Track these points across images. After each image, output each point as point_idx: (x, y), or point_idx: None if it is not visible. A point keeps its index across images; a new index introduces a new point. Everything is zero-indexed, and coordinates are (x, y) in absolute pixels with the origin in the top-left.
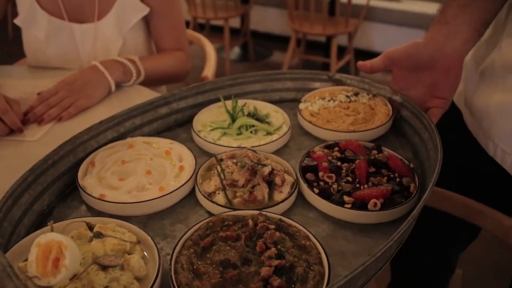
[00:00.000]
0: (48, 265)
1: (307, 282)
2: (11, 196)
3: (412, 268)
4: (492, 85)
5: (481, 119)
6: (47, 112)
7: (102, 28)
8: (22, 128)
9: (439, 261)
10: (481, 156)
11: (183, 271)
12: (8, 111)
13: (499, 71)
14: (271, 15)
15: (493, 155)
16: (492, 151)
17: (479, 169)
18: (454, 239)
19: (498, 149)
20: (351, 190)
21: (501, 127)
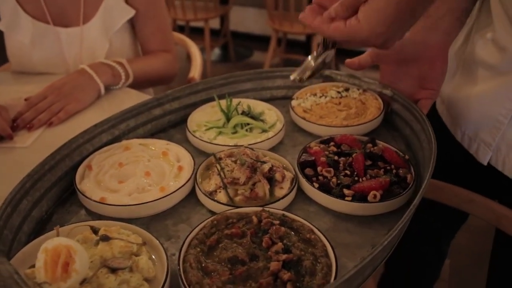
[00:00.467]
0: (58, 270)
1: (316, 274)
2: (10, 203)
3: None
4: (462, 76)
5: (450, 107)
6: (37, 118)
7: (88, 31)
8: (12, 134)
9: (431, 250)
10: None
11: (192, 269)
12: None
13: (469, 64)
14: (250, 15)
15: (461, 141)
16: (460, 138)
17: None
18: (444, 225)
19: (465, 136)
20: (350, 183)
21: (466, 116)
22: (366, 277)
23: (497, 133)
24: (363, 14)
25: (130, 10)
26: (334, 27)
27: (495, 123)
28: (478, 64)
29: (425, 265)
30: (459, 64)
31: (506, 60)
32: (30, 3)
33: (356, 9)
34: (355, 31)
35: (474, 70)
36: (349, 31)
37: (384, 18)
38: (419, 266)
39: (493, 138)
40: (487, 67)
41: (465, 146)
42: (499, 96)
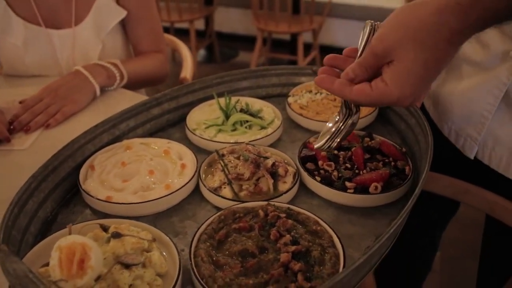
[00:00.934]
0: (73, 267)
1: (325, 264)
2: (17, 203)
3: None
4: (447, 72)
5: (436, 103)
6: (34, 120)
7: (80, 33)
8: (10, 137)
9: (423, 242)
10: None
11: (204, 263)
12: None
13: (455, 60)
14: (235, 16)
15: (448, 136)
16: (447, 133)
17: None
18: (436, 217)
19: (452, 131)
20: (351, 176)
21: (453, 112)
22: (373, 266)
23: (483, 128)
24: (391, 76)
25: (121, 11)
26: (358, 91)
27: (480, 118)
28: (463, 60)
29: (417, 257)
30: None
31: (489, 56)
32: (21, 5)
33: (376, 69)
34: (384, 94)
35: (459, 66)
36: (377, 95)
37: (413, 79)
38: (411, 259)
39: (479, 133)
40: (471, 63)
41: (452, 141)
42: (483, 92)
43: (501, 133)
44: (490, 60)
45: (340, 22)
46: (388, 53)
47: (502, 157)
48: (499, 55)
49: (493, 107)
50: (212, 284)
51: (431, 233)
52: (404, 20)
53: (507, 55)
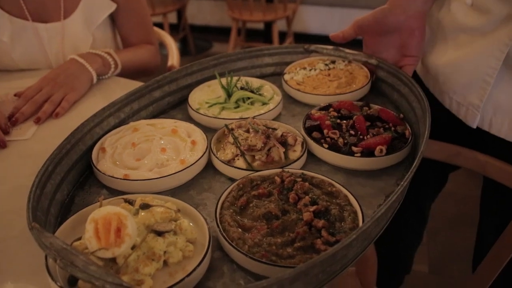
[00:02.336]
0: (111, 236)
1: (345, 220)
2: (38, 185)
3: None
4: (444, 43)
5: (436, 75)
6: (42, 110)
7: (69, 26)
8: (5, 141)
9: (414, 213)
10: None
11: (231, 227)
12: None
13: (450, 30)
14: (207, 8)
15: (448, 107)
16: (448, 104)
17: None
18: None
19: (453, 101)
20: (357, 142)
21: (454, 81)
22: (389, 219)
23: (484, 94)
24: None
25: (111, 4)
26: None
27: (481, 83)
28: (459, 30)
29: (409, 228)
30: (439, 33)
31: (489, 21)
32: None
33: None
34: None
35: (455, 37)
36: None
37: None
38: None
39: (481, 100)
40: (469, 31)
41: (454, 112)
42: (484, 56)
43: (502, 98)
44: (490, 24)
45: (313, 9)
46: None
47: (504, 122)
48: (501, 18)
49: (495, 71)
50: (243, 245)
51: (422, 204)
52: None
53: (510, 17)
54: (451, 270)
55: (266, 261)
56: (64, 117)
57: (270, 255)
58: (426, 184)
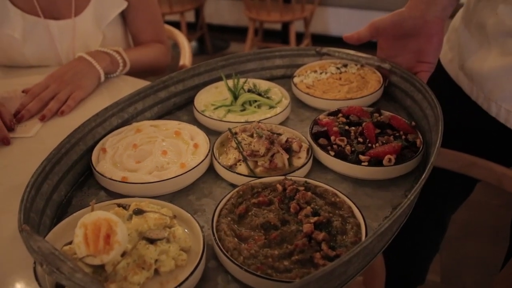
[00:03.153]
0: (100, 243)
1: (347, 233)
2: (34, 185)
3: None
4: (491, 49)
5: (481, 83)
6: (47, 107)
7: (80, 24)
8: (9, 138)
9: (433, 222)
10: (477, 116)
11: (227, 237)
12: None
13: (497, 36)
14: (225, 7)
15: (495, 116)
16: (495, 112)
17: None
18: (448, 197)
19: (502, 109)
20: (365, 150)
21: (503, 89)
22: (394, 233)
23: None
24: None
25: (122, 2)
26: None
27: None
28: (506, 35)
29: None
30: (481, 37)
31: None
32: None
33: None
34: None
35: (502, 42)
36: None
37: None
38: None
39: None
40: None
41: (502, 120)
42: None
43: None
44: None
45: (332, 10)
46: None
47: None
48: None
49: None
50: (238, 256)
51: (442, 214)
52: None
53: None
54: (464, 281)
55: (261, 274)
56: (70, 115)
57: (266, 267)
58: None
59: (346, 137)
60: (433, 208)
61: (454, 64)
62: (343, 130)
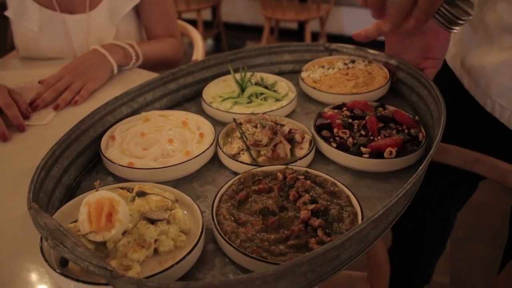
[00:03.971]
0: (102, 221)
1: (343, 221)
2: (44, 168)
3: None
4: (489, 45)
5: (478, 78)
6: (61, 97)
7: (94, 18)
8: (24, 125)
9: (439, 220)
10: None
11: (226, 221)
12: (12, 106)
13: (495, 32)
14: (242, 6)
15: (491, 111)
16: (490, 107)
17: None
18: (452, 194)
19: (496, 105)
20: (366, 142)
21: (499, 84)
22: (390, 223)
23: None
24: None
25: None
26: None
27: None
28: (506, 30)
29: (431, 235)
30: (481, 33)
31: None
32: None
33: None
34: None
35: (499, 38)
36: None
37: None
38: (425, 236)
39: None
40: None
41: (496, 116)
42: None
43: None
44: None
45: (348, 10)
46: None
47: None
48: None
49: None
50: (235, 239)
51: (447, 211)
52: None
53: None
54: (474, 283)
55: (257, 256)
56: (82, 105)
57: (262, 251)
58: (453, 191)
59: (349, 130)
60: (437, 205)
61: (457, 60)
62: (347, 123)
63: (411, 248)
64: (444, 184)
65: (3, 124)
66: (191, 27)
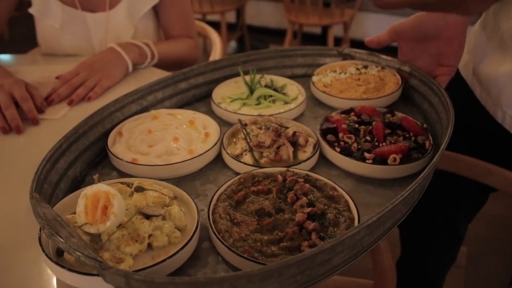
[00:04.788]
0: (98, 213)
1: (339, 225)
2: (49, 160)
3: (422, 240)
4: (503, 54)
5: (489, 88)
6: (75, 93)
7: (113, 17)
8: (37, 118)
9: (448, 231)
10: (489, 122)
11: (221, 220)
12: (27, 99)
13: (508, 41)
14: (266, 9)
15: (501, 122)
16: (501, 118)
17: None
18: (462, 205)
19: (507, 116)
20: (371, 148)
21: (509, 95)
22: (387, 230)
23: None
24: None
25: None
26: None
27: None
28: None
29: (441, 247)
30: (495, 42)
31: None
32: None
33: None
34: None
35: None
36: None
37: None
38: (436, 248)
39: None
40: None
41: (506, 127)
42: None
43: None
44: None
45: (372, 16)
46: None
47: None
48: None
49: None
50: (228, 238)
51: (456, 222)
52: None
53: None
54: None
55: (248, 256)
56: (96, 101)
57: (253, 251)
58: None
59: (355, 135)
60: (446, 216)
61: (469, 68)
62: (353, 128)
63: (420, 259)
64: (452, 194)
65: (17, 117)
66: (210, 28)
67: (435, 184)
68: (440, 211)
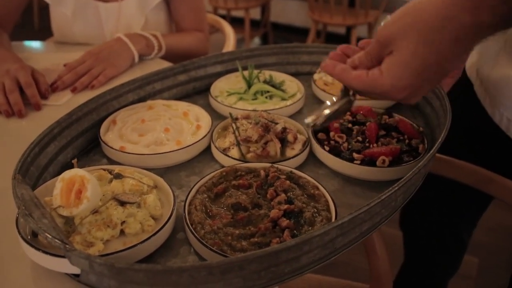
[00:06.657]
0: (71, 196)
1: (314, 225)
2: (38, 144)
3: (425, 246)
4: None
5: (488, 89)
6: (79, 80)
7: (125, 7)
8: (40, 104)
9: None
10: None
11: (196, 211)
12: (31, 85)
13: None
14: (291, 7)
15: (499, 123)
16: (498, 120)
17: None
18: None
19: (504, 117)
20: (361, 149)
21: (506, 97)
22: (364, 234)
23: None
24: (387, 66)
25: None
26: (355, 75)
27: None
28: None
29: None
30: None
31: None
32: None
33: (379, 58)
34: (376, 82)
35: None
36: (370, 82)
37: (408, 73)
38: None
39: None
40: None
41: (503, 129)
42: None
43: None
44: None
45: None
46: (390, 42)
47: None
48: None
49: None
50: (200, 230)
51: (458, 228)
52: (412, 10)
53: None
54: None
55: (216, 249)
56: (99, 90)
57: (223, 244)
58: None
59: (347, 135)
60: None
61: (473, 68)
62: (345, 127)
63: (423, 265)
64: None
65: (20, 102)
66: (225, 22)
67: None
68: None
